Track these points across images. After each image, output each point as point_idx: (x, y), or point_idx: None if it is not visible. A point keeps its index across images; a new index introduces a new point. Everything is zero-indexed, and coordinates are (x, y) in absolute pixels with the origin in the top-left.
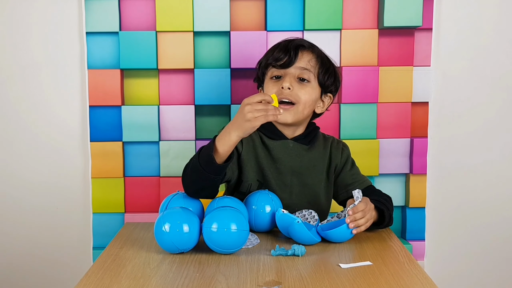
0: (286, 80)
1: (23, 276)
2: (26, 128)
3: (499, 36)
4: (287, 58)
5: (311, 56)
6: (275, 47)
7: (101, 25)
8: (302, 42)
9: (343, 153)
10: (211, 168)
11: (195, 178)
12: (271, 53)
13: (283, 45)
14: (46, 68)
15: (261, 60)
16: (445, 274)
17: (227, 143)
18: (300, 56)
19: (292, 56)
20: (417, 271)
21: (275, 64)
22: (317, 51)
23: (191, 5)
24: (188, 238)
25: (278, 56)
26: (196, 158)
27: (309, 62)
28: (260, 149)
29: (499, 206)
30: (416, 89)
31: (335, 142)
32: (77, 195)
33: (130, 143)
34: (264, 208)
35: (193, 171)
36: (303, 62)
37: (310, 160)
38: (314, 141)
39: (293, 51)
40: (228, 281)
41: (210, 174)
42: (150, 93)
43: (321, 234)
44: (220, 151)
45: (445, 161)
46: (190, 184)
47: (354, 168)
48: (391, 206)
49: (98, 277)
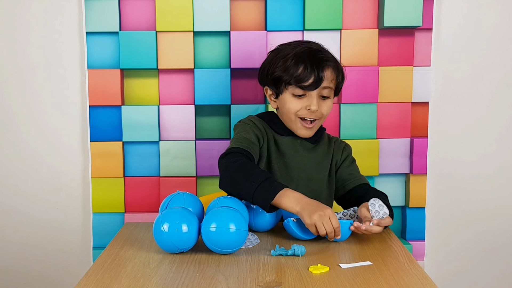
0: (313, 103)
1: (23, 276)
2: (26, 128)
3: (499, 36)
4: (313, 81)
5: (332, 72)
6: (297, 61)
7: (101, 25)
8: (325, 58)
9: (344, 151)
10: (257, 202)
11: (239, 191)
12: (293, 68)
13: (308, 63)
14: (46, 68)
15: (277, 73)
16: (445, 274)
17: (283, 205)
18: (325, 75)
19: (318, 78)
20: (417, 271)
21: (299, 84)
22: (336, 62)
23: (191, 5)
24: (187, 237)
25: (303, 78)
26: (255, 185)
27: (332, 80)
28: (271, 142)
29: (499, 206)
30: (416, 89)
31: (338, 141)
32: (77, 195)
33: (130, 143)
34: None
35: (242, 187)
36: (326, 81)
37: (316, 156)
38: (320, 140)
39: (319, 72)
40: (228, 281)
41: (253, 201)
42: (150, 93)
43: None
44: (273, 203)
45: (445, 161)
46: (230, 186)
47: (353, 165)
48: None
49: (98, 277)
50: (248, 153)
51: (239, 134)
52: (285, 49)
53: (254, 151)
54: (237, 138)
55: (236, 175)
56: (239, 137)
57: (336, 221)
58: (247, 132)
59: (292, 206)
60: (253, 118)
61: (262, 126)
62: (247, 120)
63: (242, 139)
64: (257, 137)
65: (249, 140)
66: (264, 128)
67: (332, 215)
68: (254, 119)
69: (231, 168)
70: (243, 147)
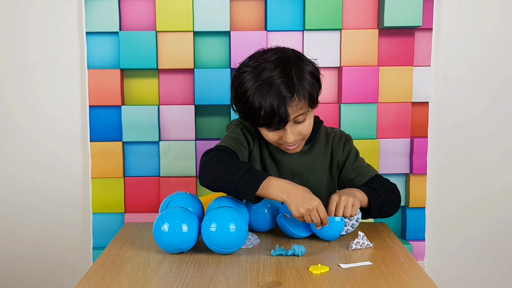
0: (288, 137)
1: (23, 276)
2: (26, 128)
3: (499, 36)
4: (279, 121)
5: (298, 101)
6: (256, 103)
7: (101, 25)
8: (288, 93)
9: (344, 147)
10: (241, 194)
11: (221, 185)
12: (255, 112)
13: (268, 104)
14: (46, 68)
15: (241, 114)
16: (445, 274)
17: (268, 195)
18: (290, 110)
19: (283, 117)
20: (417, 271)
21: (266, 126)
22: (301, 86)
23: (191, 5)
24: (187, 237)
25: (267, 121)
26: (238, 177)
27: (301, 108)
28: (264, 149)
29: (499, 206)
30: (416, 89)
31: (337, 137)
32: (77, 195)
33: (130, 143)
34: (264, 209)
35: (223, 180)
36: (295, 113)
37: (310, 160)
38: (315, 139)
39: (283, 111)
40: (228, 281)
41: (236, 194)
42: (150, 93)
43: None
44: (258, 193)
45: (445, 161)
46: (210, 179)
47: (358, 160)
48: (392, 194)
49: (98, 277)
50: (232, 152)
51: (228, 134)
52: (243, 81)
53: (240, 151)
54: (225, 137)
55: (216, 169)
56: (227, 136)
57: (324, 213)
58: (237, 133)
59: (278, 195)
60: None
61: (253, 129)
62: (238, 121)
63: (230, 139)
64: (246, 138)
65: (237, 141)
66: (256, 131)
67: (320, 207)
68: (245, 122)
69: (211, 163)
70: (229, 146)
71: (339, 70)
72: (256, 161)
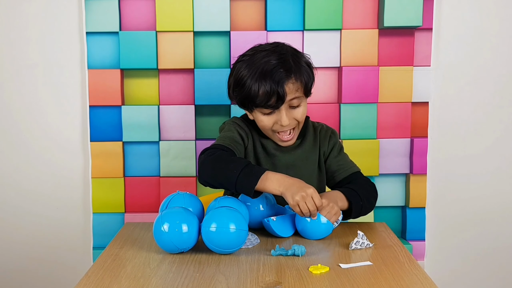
0: (283, 119)
1: (23, 276)
2: (26, 128)
3: (499, 35)
4: (276, 100)
5: (294, 82)
6: (254, 85)
7: (101, 25)
8: (283, 73)
9: (330, 140)
10: (241, 189)
11: (221, 181)
12: (252, 93)
13: (265, 84)
14: (46, 68)
15: (238, 99)
16: (445, 274)
17: (267, 189)
18: (287, 89)
19: (280, 96)
20: (417, 271)
21: (262, 107)
22: (298, 68)
23: (191, 5)
24: (187, 237)
25: (265, 100)
26: (237, 172)
27: (297, 90)
28: (257, 144)
29: (499, 206)
30: (416, 89)
31: (323, 130)
32: (77, 195)
33: (130, 143)
34: (259, 206)
35: (222, 176)
36: (291, 94)
37: (303, 151)
38: (305, 133)
39: (280, 90)
40: (228, 281)
41: (236, 188)
42: (150, 93)
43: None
44: (257, 187)
45: (445, 161)
46: (209, 176)
47: (341, 154)
48: (371, 196)
49: (98, 277)
50: (228, 149)
51: (223, 133)
52: (240, 68)
53: (237, 149)
54: (221, 137)
55: (215, 166)
56: (223, 135)
57: (319, 200)
58: (232, 132)
59: (275, 188)
60: (237, 119)
61: (247, 127)
62: (231, 122)
63: (226, 137)
64: (241, 136)
65: (233, 139)
66: (249, 129)
67: (315, 194)
68: (238, 121)
69: (209, 160)
70: (225, 144)
71: (339, 70)
72: (251, 157)
